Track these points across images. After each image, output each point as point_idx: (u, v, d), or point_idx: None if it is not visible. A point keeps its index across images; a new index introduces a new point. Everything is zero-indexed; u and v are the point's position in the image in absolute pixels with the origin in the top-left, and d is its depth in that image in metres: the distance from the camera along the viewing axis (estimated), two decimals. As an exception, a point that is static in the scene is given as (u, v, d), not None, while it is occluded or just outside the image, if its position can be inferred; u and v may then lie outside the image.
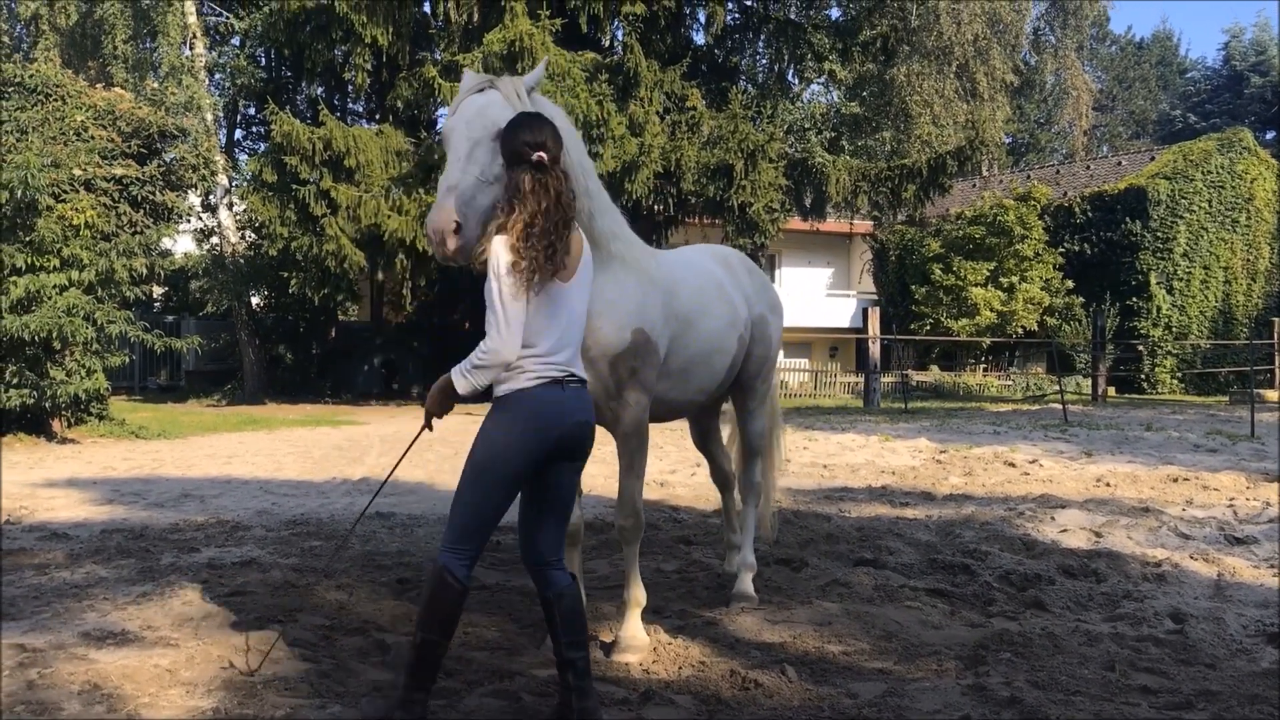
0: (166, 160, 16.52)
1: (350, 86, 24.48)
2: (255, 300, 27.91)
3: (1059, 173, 37.66)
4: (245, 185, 24.29)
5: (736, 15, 25.70)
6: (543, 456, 3.55)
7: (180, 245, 25.48)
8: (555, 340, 3.55)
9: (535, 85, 4.07)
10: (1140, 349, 30.86)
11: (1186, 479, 10.28)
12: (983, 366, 32.90)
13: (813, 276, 38.54)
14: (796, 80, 30.64)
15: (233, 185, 26.57)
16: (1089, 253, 32.15)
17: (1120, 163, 36.35)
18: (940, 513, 8.32)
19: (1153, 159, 34.19)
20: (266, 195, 21.52)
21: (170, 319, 28.04)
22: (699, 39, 25.91)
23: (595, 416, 4.39)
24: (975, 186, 36.78)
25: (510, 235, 3.44)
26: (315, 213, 20.55)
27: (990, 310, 30.38)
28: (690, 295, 4.76)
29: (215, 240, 26.77)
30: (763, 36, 26.62)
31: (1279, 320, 31.03)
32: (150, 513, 8.22)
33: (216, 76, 27.03)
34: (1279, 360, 30.12)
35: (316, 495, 9.33)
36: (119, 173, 14.75)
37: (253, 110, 30.07)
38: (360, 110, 29.74)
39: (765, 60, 28.93)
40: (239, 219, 26.58)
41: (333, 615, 4.99)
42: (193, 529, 7.42)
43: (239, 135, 31.53)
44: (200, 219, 26.66)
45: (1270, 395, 26.26)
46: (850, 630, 4.83)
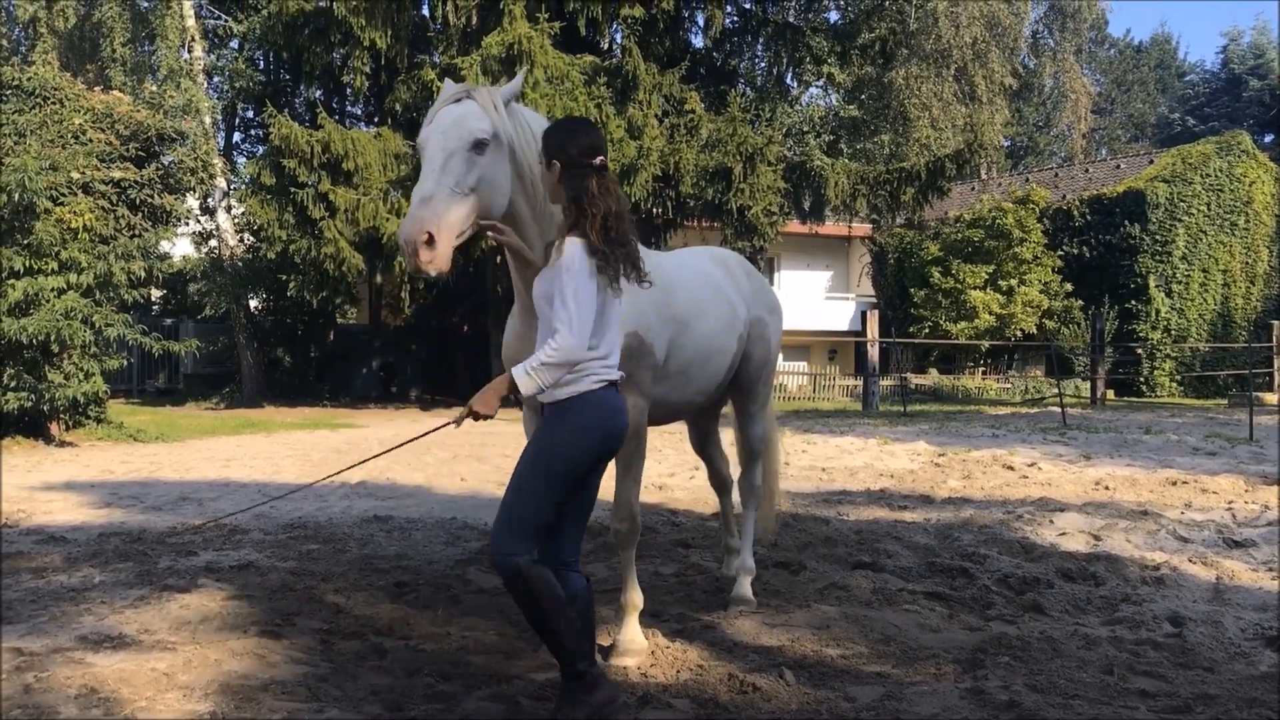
0: (165, 163, 16.51)
1: (349, 89, 24.49)
2: (253, 303, 27.90)
3: (1058, 176, 37.68)
4: (244, 188, 24.29)
5: (735, 18, 25.71)
6: (602, 459, 3.65)
7: (178, 248, 25.41)
8: (611, 343, 3.67)
9: (514, 96, 4.00)
10: (1139, 352, 30.88)
11: (1185, 482, 10.28)
12: (981, 369, 32.90)
13: (811, 279, 38.55)
14: (795, 83, 30.68)
15: (231, 188, 26.57)
16: (1088, 256, 32.16)
17: (1119, 166, 36.37)
18: (939, 516, 8.31)
19: (1151, 162, 34.21)
20: (265, 198, 21.51)
21: (168, 322, 28.02)
22: (698, 42, 25.95)
23: None
24: (974, 189, 36.78)
25: (592, 236, 3.51)
26: (314, 215, 20.54)
27: (989, 313, 30.38)
28: (687, 297, 4.74)
29: (213, 243, 26.77)
30: (761, 40, 26.64)
31: (1278, 323, 31.02)
32: (148, 516, 8.21)
33: (215, 79, 27.04)
34: (1278, 363, 30.10)
35: (314, 498, 9.31)
36: (117, 176, 14.74)
37: (251, 113, 30.06)
38: (359, 113, 29.76)
39: (764, 63, 28.98)
40: (237, 222, 26.58)
41: (330, 619, 4.99)
42: (190, 532, 7.41)
43: (237, 138, 31.56)
44: (199, 222, 26.66)
45: (1269, 398, 26.25)
46: (848, 634, 4.83)
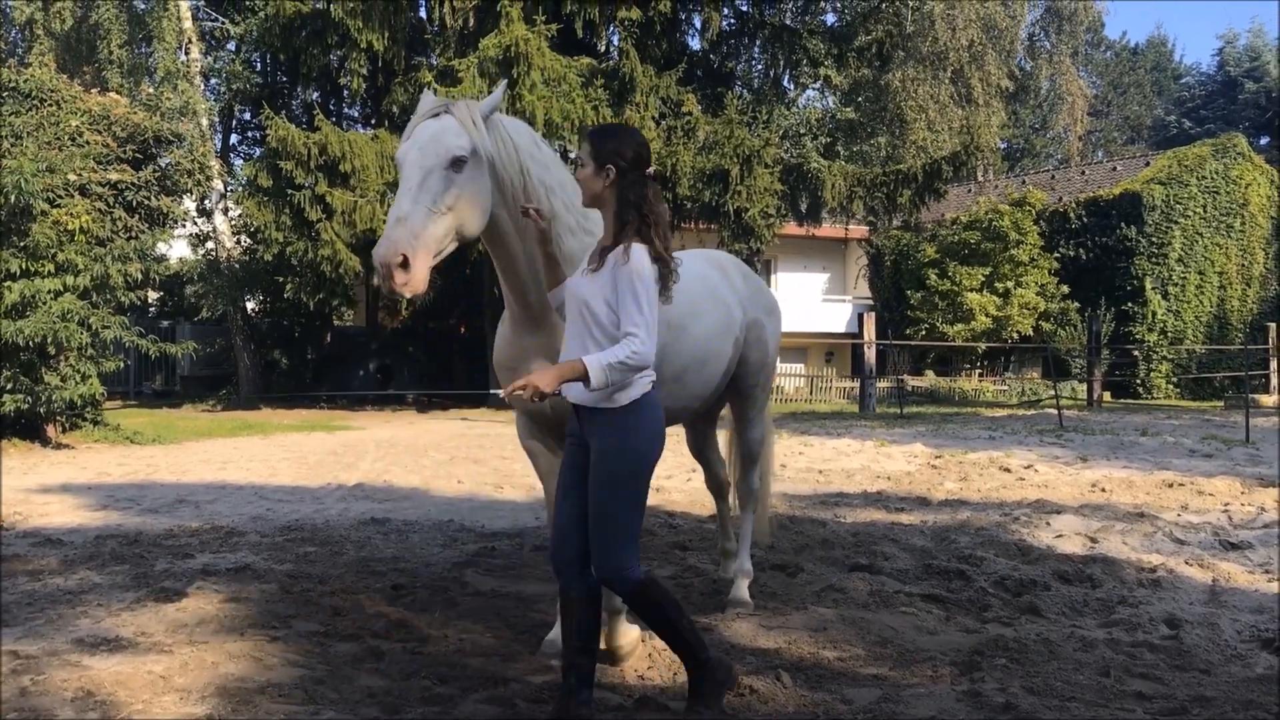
0: (162, 165, 16.50)
1: (346, 91, 24.51)
2: (250, 305, 27.88)
3: (1054, 178, 37.69)
4: (240, 190, 24.28)
5: (732, 21, 25.74)
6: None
7: (175, 250, 25.39)
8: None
9: (494, 109, 3.94)
10: (1135, 354, 30.90)
11: (1182, 484, 10.29)
12: (978, 371, 32.91)
13: (808, 282, 38.54)
14: (792, 86, 30.68)
15: (228, 190, 26.55)
16: (1084, 258, 32.18)
17: (1115, 168, 36.38)
18: (935, 518, 8.32)
19: (1148, 164, 34.23)
20: (262, 200, 21.50)
21: (165, 324, 27.98)
22: (695, 44, 25.98)
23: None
24: (970, 192, 36.79)
25: (658, 243, 3.57)
26: (310, 218, 20.54)
27: (985, 315, 30.38)
28: (682, 300, 4.68)
29: (210, 245, 26.74)
30: (758, 42, 26.66)
31: (1274, 325, 31.07)
32: (144, 518, 8.20)
33: (212, 81, 27.02)
34: (1274, 365, 30.13)
35: (311, 501, 9.31)
36: (114, 178, 14.73)
37: (248, 115, 30.03)
38: (356, 115, 29.76)
39: (761, 66, 29.02)
40: (234, 224, 26.56)
41: (327, 621, 4.99)
42: (187, 535, 7.41)
43: (234, 140, 31.53)
44: (195, 224, 26.61)
45: (1265, 400, 26.28)
46: (845, 636, 4.83)
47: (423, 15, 23.68)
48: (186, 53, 25.20)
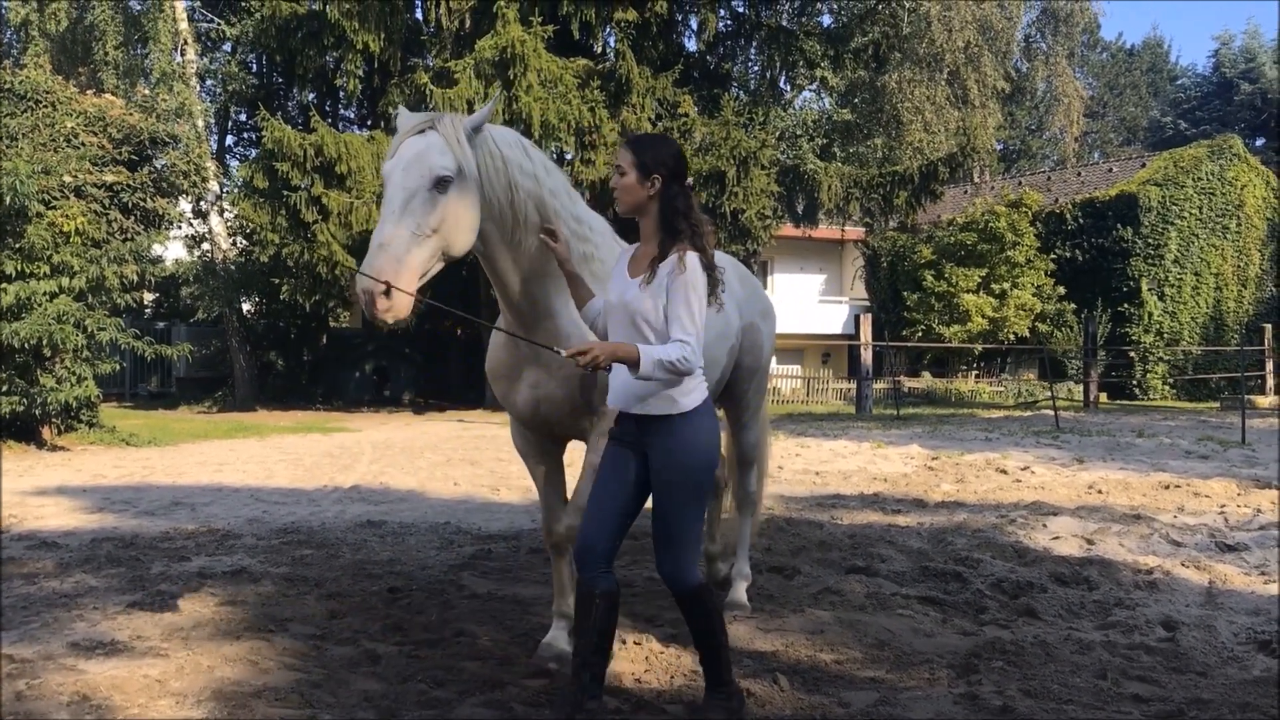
0: (157, 167, 16.46)
1: (342, 93, 24.48)
2: (246, 307, 27.86)
3: (1050, 179, 37.72)
4: (236, 191, 24.23)
5: (729, 22, 25.76)
6: None
7: (171, 252, 25.32)
8: None
9: (480, 125, 3.82)
10: (1132, 355, 30.94)
11: (1178, 486, 10.30)
12: (974, 373, 32.94)
13: (805, 283, 38.56)
14: (788, 87, 30.74)
15: (224, 191, 26.51)
16: (1080, 259, 32.22)
17: (1111, 169, 36.43)
18: (932, 520, 8.32)
19: (1144, 165, 34.27)
20: (258, 201, 21.49)
21: (161, 325, 27.96)
22: (691, 46, 26.01)
23: (573, 432, 4.33)
24: (967, 193, 36.83)
25: (708, 251, 3.62)
26: (306, 219, 20.52)
27: (982, 317, 30.41)
28: None
29: (206, 247, 26.70)
30: (755, 43, 26.70)
31: (1269, 326, 31.13)
32: (140, 521, 8.19)
33: (208, 82, 27.03)
34: (1270, 366, 30.21)
35: (307, 503, 9.30)
36: (109, 179, 14.69)
37: (244, 116, 30.02)
38: (352, 116, 29.77)
39: (757, 67, 29.05)
40: (230, 225, 26.52)
41: (323, 625, 4.98)
42: (183, 537, 7.40)
43: (230, 141, 31.55)
44: (191, 225, 26.55)
45: (1261, 401, 26.34)
46: (842, 639, 4.82)
47: (419, 16, 23.69)
48: (182, 54, 25.18)
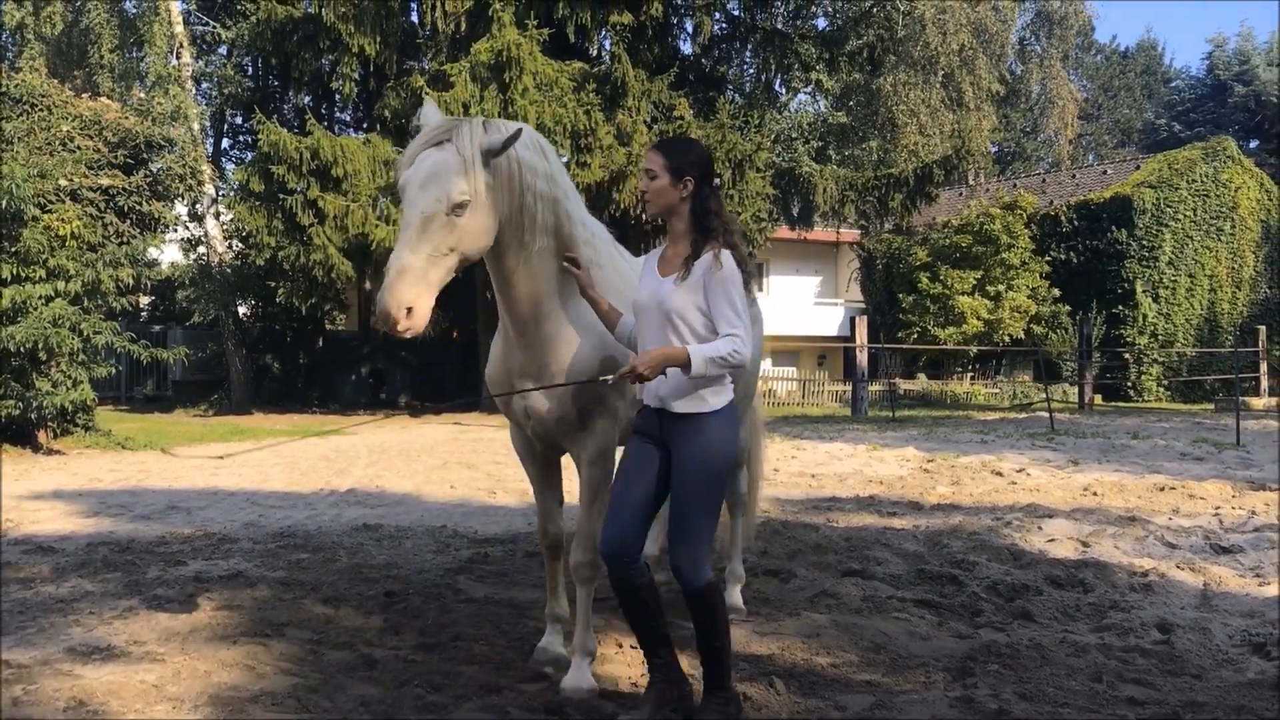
0: (153, 170, 16.46)
1: (338, 96, 24.50)
2: (242, 310, 27.83)
3: (1045, 181, 37.80)
4: (232, 195, 24.21)
5: (724, 25, 25.77)
6: None
7: (167, 255, 25.35)
8: None
9: (497, 151, 3.72)
10: (1126, 357, 30.99)
11: (1173, 488, 10.32)
12: (970, 375, 32.97)
13: (800, 285, 38.61)
14: (784, 90, 30.78)
15: (219, 195, 26.50)
16: (1075, 261, 32.28)
17: (1106, 171, 36.51)
18: (928, 522, 8.33)
19: (1138, 168, 34.35)
20: (253, 205, 21.46)
21: (157, 329, 27.89)
22: (686, 49, 25.98)
23: (565, 446, 4.30)
24: (962, 195, 36.87)
25: (740, 247, 3.72)
26: (302, 222, 20.51)
27: (977, 319, 30.45)
28: None
29: (202, 250, 26.69)
30: (750, 46, 26.71)
31: (1263, 328, 31.20)
32: (136, 525, 8.18)
33: (203, 86, 27.00)
34: (1264, 368, 30.26)
35: (304, 507, 9.29)
36: (105, 183, 14.69)
37: (240, 119, 30.00)
38: (348, 119, 29.74)
39: (752, 70, 29.07)
40: (226, 228, 26.50)
41: (320, 629, 4.98)
42: (179, 541, 7.39)
43: (226, 144, 31.49)
44: (187, 229, 26.57)
45: (1255, 403, 26.39)
46: (838, 642, 4.83)
47: (414, 20, 23.70)
48: (178, 57, 25.16)
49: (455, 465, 12.69)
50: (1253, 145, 52.35)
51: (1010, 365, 33.80)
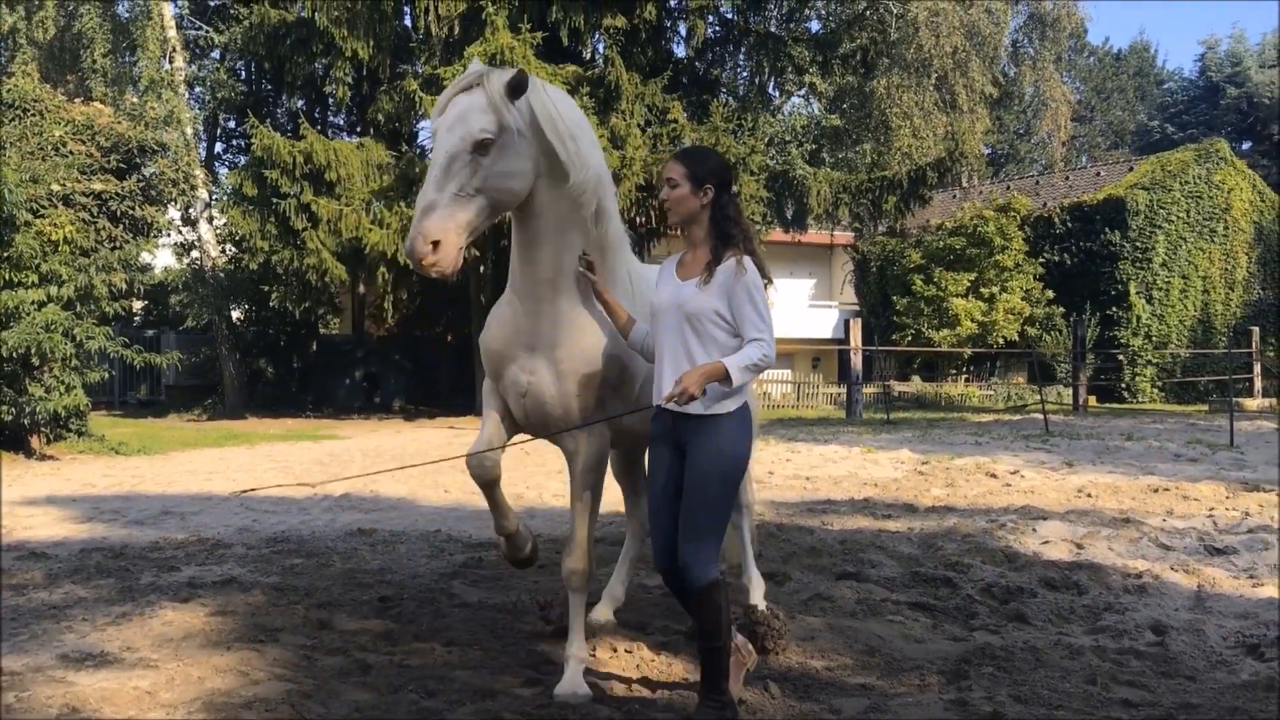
0: (146, 175, 16.44)
1: (331, 100, 24.46)
2: (235, 314, 27.80)
3: (1038, 183, 37.84)
4: (225, 199, 24.24)
5: (717, 28, 25.78)
6: None
7: (160, 260, 25.31)
8: None
9: (518, 85, 3.73)
10: (1120, 358, 31.04)
11: (1167, 489, 10.34)
12: (964, 377, 33.00)
13: (794, 288, 38.59)
14: (777, 93, 30.79)
15: (213, 199, 26.48)
16: (1069, 263, 32.33)
17: (1099, 173, 36.56)
18: (922, 525, 8.33)
19: (1131, 169, 34.41)
20: (247, 209, 21.45)
21: (150, 333, 27.88)
22: (680, 52, 26.00)
23: (558, 440, 4.27)
24: (955, 198, 36.92)
25: (758, 253, 3.82)
26: (296, 226, 20.50)
27: (971, 321, 30.49)
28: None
29: (195, 254, 26.66)
30: (743, 49, 26.73)
31: (1257, 329, 31.27)
32: (130, 531, 8.16)
33: (196, 90, 26.96)
34: (1257, 369, 30.33)
35: (297, 512, 9.27)
36: (98, 188, 14.68)
37: (233, 124, 29.99)
38: (341, 123, 29.72)
39: (746, 73, 29.09)
40: (219, 233, 26.48)
41: (314, 634, 4.96)
42: (173, 547, 7.37)
43: (219, 149, 31.44)
44: (180, 233, 26.55)
45: (1249, 404, 26.43)
46: (833, 645, 4.83)
47: (408, 23, 23.65)
48: (170, 61, 25.13)
49: (449, 469, 12.63)
50: (1245, 147, 52.54)
51: (1004, 367, 33.83)
